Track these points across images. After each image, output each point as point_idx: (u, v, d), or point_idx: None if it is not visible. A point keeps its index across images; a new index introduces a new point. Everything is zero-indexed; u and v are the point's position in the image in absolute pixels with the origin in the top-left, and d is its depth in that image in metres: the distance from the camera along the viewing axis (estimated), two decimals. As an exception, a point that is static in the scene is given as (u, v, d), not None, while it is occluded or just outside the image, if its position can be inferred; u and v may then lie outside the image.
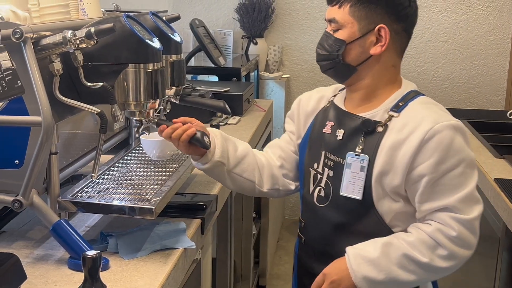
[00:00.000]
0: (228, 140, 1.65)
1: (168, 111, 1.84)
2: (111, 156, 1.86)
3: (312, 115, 1.67)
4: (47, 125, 1.32)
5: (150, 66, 1.53)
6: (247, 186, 1.68)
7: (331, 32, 1.53)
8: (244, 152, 1.67)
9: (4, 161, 1.42)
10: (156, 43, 1.56)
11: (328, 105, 1.64)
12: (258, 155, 1.71)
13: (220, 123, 2.76)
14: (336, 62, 1.52)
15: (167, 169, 1.74)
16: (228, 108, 1.88)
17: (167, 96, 1.77)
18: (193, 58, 3.45)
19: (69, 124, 1.66)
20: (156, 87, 1.55)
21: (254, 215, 3.12)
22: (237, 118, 2.86)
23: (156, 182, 1.61)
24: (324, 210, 1.57)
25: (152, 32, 1.61)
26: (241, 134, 2.63)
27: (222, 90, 2.94)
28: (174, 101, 1.82)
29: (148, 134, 1.68)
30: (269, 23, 4.13)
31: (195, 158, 1.61)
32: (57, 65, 1.42)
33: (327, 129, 1.59)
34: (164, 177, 1.65)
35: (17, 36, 1.31)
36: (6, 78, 1.16)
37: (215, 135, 1.62)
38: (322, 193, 1.58)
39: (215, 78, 3.45)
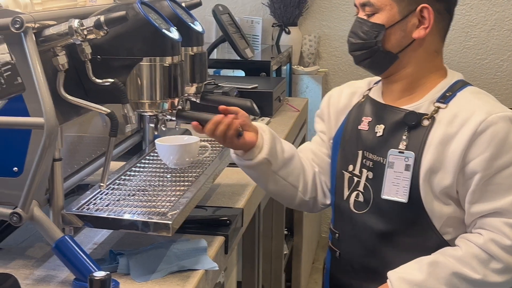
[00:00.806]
0: (276, 138, 1.69)
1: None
2: (122, 163, 1.88)
3: (344, 113, 1.70)
4: (50, 127, 1.34)
5: (168, 60, 1.54)
6: (289, 192, 1.73)
7: (365, 17, 1.56)
8: (291, 153, 1.71)
9: (1, 168, 1.44)
10: (174, 34, 1.58)
11: (363, 100, 1.67)
12: (303, 157, 1.76)
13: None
14: (374, 51, 1.55)
15: (186, 178, 1.75)
16: (256, 108, 1.88)
17: (186, 94, 1.79)
18: (215, 50, 3.48)
19: (74, 127, 1.68)
20: (175, 84, 1.57)
21: (285, 232, 3.13)
22: (267, 119, 2.87)
23: (173, 193, 1.63)
24: (363, 218, 1.59)
25: (170, 20, 1.63)
26: (271, 138, 2.64)
27: (249, 87, 2.96)
28: (195, 99, 1.84)
29: (165, 129, 1.71)
30: (304, 9, 4.13)
31: (238, 153, 1.66)
32: (62, 59, 1.44)
33: (363, 126, 1.62)
34: (182, 188, 1.66)
35: (17, 25, 1.33)
36: (5, 74, 1.19)
37: (263, 131, 1.67)
38: (361, 198, 1.60)
39: (241, 73, 3.47)
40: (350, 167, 1.63)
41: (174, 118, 1.68)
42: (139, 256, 1.52)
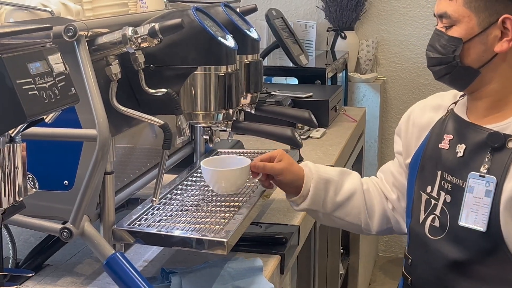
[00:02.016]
0: (329, 182, 1.74)
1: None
2: (172, 176, 1.90)
3: (427, 129, 1.67)
4: (103, 139, 1.37)
5: (223, 69, 1.57)
6: (352, 228, 1.81)
7: (443, 30, 1.54)
8: (350, 193, 1.76)
9: (51, 181, 1.47)
10: (230, 41, 1.60)
11: (446, 114, 1.64)
12: (371, 192, 1.79)
13: (301, 137, 2.77)
14: (452, 66, 1.53)
15: (240, 193, 1.76)
16: (314, 119, 1.90)
17: (241, 105, 1.80)
18: (267, 57, 3.49)
19: (124, 138, 1.71)
20: (230, 94, 1.59)
21: (341, 251, 3.12)
22: (322, 130, 2.88)
23: (228, 209, 1.64)
24: (438, 244, 1.56)
25: (225, 27, 1.65)
26: (326, 150, 2.65)
27: (304, 96, 2.97)
28: (249, 110, 1.86)
29: (216, 141, 1.69)
30: (361, 12, 4.13)
31: (289, 196, 1.77)
32: (115, 68, 1.47)
33: (444, 144, 1.59)
34: (236, 203, 1.68)
35: (70, 34, 1.36)
36: (59, 85, 1.22)
37: (308, 177, 1.73)
38: (437, 223, 1.57)
39: (294, 80, 3.48)
40: (428, 189, 1.60)
41: (229, 130, 1.69)
42: (192, 275, 1.54)
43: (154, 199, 1.54)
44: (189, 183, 1.83)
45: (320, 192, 1.73)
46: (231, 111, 1.64)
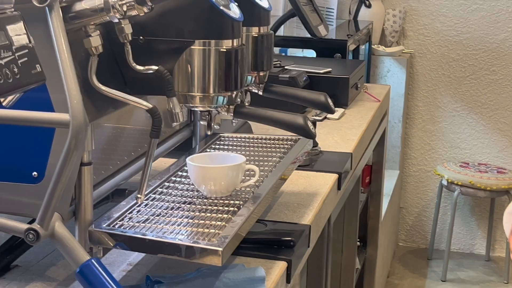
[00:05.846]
0: None
1: (247, 104, 1.72)
2: (167, 160, 1.75)
3: None
4: (77, 125, 1.21)
5: (225, 44, 1.44)
6: None
7: None
8: None
9: (19, 172, 1.34)
10: (234, 11, 1.47)
11: None
12: None
13: (317, 117, 2.62)
14: None
15: (243, 188, 1.59)
16: (331, 104, 1.73)
17: (246, 85, 1.66)
18: (283, 25, 3.34)
19: (112, 119, 1.56)
20: (233, 74, 1.46)
21: (358, 243, 2.99)
22: (341, 111, 2.72)
23: (227, 208, 1.48)
24: None
25: (230, -6, 1.51)
26: (345, 134, 2.49)
27: (321, 72, 2.80)
28: (256, 91, 1.72)
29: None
30: (389, -21, 4.00)
31: None
32: (95, 41, 1.32)
33: None
34: (237, 201, 1.51)
35: (41, -2, 1.22)
36: (20, 61, 1.06)
37: None
38: None
39: (311, 53, 3.32)
40: None
41: (230, 115, 1.54)
42: (182, 286, 1.40)
43: (139, 196, 1.38)
44: (184, 173, 1.66)
45: None
46: (234, 94, 1.49)
